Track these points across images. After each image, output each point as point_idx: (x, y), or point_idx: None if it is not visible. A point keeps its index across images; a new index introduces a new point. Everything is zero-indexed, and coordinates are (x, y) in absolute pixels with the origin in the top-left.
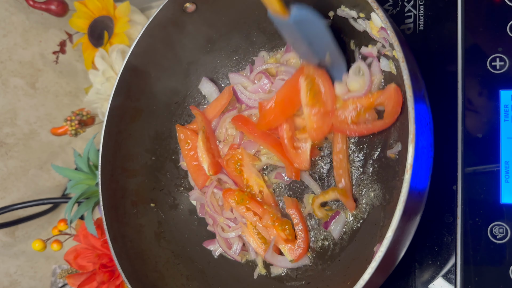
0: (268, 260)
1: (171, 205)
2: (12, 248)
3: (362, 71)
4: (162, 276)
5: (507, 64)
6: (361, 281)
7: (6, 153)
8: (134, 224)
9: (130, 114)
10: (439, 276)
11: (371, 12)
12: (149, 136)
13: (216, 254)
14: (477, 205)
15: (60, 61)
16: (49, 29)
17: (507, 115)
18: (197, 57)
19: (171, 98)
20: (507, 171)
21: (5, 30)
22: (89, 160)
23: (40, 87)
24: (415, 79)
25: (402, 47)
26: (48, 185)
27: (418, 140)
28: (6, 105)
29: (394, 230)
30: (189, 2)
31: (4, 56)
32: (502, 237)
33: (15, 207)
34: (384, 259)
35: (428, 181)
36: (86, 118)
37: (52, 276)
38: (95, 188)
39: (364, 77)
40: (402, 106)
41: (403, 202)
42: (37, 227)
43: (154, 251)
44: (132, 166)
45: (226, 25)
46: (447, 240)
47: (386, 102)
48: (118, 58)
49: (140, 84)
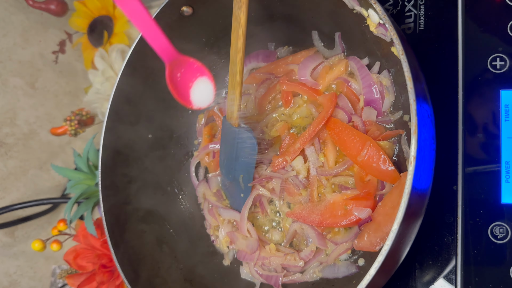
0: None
1: (173, 210)
2: (12, 248)
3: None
4: (165, 281)
5: (508, 63)
6: (364, 281)
7: (5, 153)
8: (135, 230)
9: (130, 117)
10: (440, 277)
11: (369, 9)
12: (149, 140)
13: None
14: (478, 205)
15: (59, 61)
16: (48, 29)
17: (508, 115)
18: None
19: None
20: (507, 171)
21: (5, 30)
22: (88, 160)
23: (39, 87)
24: (415, 72)
25: (401, 40)
26: (47, 185)
27: (421, 132)
28: (6, 105)
29: (399, 223)
30: (186, 6)
31: (3, 56)
32: (503, 237)
33: (14, 207)
34: (387, 258)
35: (431, 174)
36: (86, 118)
37: (52, 276)
38: (95, 188)
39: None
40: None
41: (407, 194)
42: (36, 227)
43: (156, 257)
44: (132, 171)
45: (223, 29)
46: (447, 241)
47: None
48: (118, 58)
49: (140, 85)
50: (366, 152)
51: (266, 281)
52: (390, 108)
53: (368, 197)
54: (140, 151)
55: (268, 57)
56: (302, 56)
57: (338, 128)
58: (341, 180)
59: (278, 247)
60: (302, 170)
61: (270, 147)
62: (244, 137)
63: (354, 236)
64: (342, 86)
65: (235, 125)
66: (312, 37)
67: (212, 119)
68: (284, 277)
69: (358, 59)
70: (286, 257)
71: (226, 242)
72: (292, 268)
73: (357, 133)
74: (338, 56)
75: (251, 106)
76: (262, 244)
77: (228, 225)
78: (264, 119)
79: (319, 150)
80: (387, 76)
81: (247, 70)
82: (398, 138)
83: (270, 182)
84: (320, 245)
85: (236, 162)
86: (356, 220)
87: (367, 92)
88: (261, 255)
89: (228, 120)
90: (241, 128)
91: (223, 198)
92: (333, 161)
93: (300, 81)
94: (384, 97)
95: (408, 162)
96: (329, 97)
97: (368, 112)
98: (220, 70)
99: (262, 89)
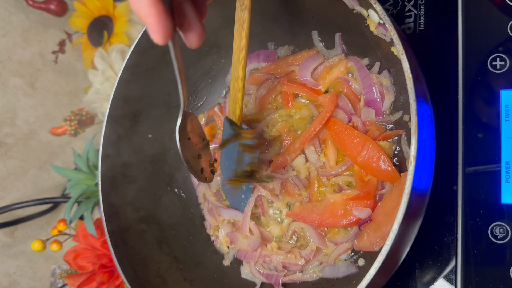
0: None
1: (173, 210)
2: (12, 248)
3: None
4: (165, 281)
5: (508, 63)
6: (364, 281)
7: (5, 153)
8: (135, 230)
9: (130, 117)
10: (440, 277)
11: (369, 9)
12: (149, 140)
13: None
14: (478, 205)
15: (59, 61)
16: (48, 29)
17: (508, 115)
18: (195, 60)
19: (170, 102)
20: (507, 171)
21: (5, 30)
22: (88, 160)
23: (39, 87)
24: (415, 72)
25: (401, 40)
26: (47, 185)
27: (421, 132)
28: (6, 105)
29: (399, 223)
30: None
31: (3, 56)
32: (503, 237)
33: (14, 207)
34: (387, 258)
35: (431, 174)
36: (86, 118)
37: (52, 277)
38: (95, 188)
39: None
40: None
41: (407, 194)
42: (36, 228)
43: (156, 257)
44: (132, 171)
45: (223, 28)
46: (447, 241)
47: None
48: (118, 58)
49: (140, 85)
50: (366, 153)
51: (267, 280)
52: (390, 108)
53: (368, 197)
54: (140, 151)
55: (269, 57)
56: (303, 57)
57: (338, 128)
58: (342, 180)
59: (279, 245)
60: (302, 170)
61: (271, 147)
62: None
63: (354, 236)
64: (342, 86)
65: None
66: (312, 37)
67: (212, 119)
68: (284, 277)
69: (358, 59)
70: (287, 256)
71: (226, 242)
72: (292, 267)
73: (357, 134)
74: (338, 56)
75: (251, 107)
76: (263, 242)
77: (228, 225)
78: (265, 119)
79: (319, 150)
80: (387, 76)
81: (248, 70)
82: (398, 138)
83: (270, 182)
84: (320, 245)
85: (237, 163)
86: (356, 220)
87: (367, 92)
88: (263, 253)
89: (230, 120)
90: (244, 126)
91: (223, 198)
92: (333, 161)
93: (301, 82)
94: (384, 97)
95: (408, 162)
96: (330, 96)
97: (368, 112)
98: (220, 70)
99: (263, 89)
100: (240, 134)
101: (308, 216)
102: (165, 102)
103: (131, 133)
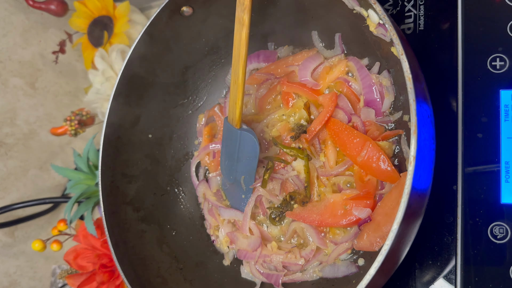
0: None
1: (173, 210)
2: (12, 248)
3: None
4: (165, 281)
5: (507, 64)
6: (364, 281)
7: (5, 153)
8: (135, 230)
9: (130, 118)
10: (440, 277)
11: (369, 9)
12: (149, 140)
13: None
14: (477, 205)
15: (59, 61)
16: (48, 29)
17: (508, 115)
18: (195, 60)
19: (170, 102)
20: (507, 171)
21: (5, 30)
22: (88, 160)
23: (39, 87)
24: (415, 72)
25: (401, 40)
26: (47, 185)
27: (420, 132)
28: (6, 105)
29: (399, 223)
30: (186, 6)
31: (3, 56)
32: (502, 237)
33: (14, 207)
34: (387, 258)
35: (431, 174)
36: (86, 118)
37: (52, 277)
38: (95, 188)
39: None
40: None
41: (407, 194)
42: (36, 227)
43: (156, 257)
44: (132, 171)
45: (223, 28)
46: (447, 240)
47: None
48: (118, 58)
49: (140, 85)
50: (366, 153)
51: (267, 279)
52: (390, 108)
53: (367, 197)
54: (140, 151)
55: (269, 57)
56: (303, 57)
57: (338, 128)
58: (341, 180)
59: (279, 245)
60: (302, 170)
61: (271, 147)
62: (245, 139)
63: (354, 236)
64: (342, 86)
65: (236, 126)
66: (312, 37)
67: (212, 119)
68: (284, 276)
69: (358, 59)
70: (287, 255)
71: (226, 242)
72: (292, 266)
73: (356, 134)
74: (338, 56)
75: (251, 107)
76: (263, 242)
77: (228, 225)
78: (265, 119)
79: (319, 150)
80: (387, 76)
81: (248, 70)
82: (398, 138)
83: (270, 182)
84: (320, 244)
85: (238, 163)
86: (355, 220)
87: (367, 92)
88: (263, 253)
89: (230, 122)
90: (242, 130)
91: (223, 198)
92: (333, 161)
93: (301, 82)
94: (384, 97)
95: (408, 162)
96: (330, 96)
97: (367, 112)
98: (220, 69)
99: (263, 89)
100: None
101: (308, 216)
102: (165, 102)
103: (131, 133)
